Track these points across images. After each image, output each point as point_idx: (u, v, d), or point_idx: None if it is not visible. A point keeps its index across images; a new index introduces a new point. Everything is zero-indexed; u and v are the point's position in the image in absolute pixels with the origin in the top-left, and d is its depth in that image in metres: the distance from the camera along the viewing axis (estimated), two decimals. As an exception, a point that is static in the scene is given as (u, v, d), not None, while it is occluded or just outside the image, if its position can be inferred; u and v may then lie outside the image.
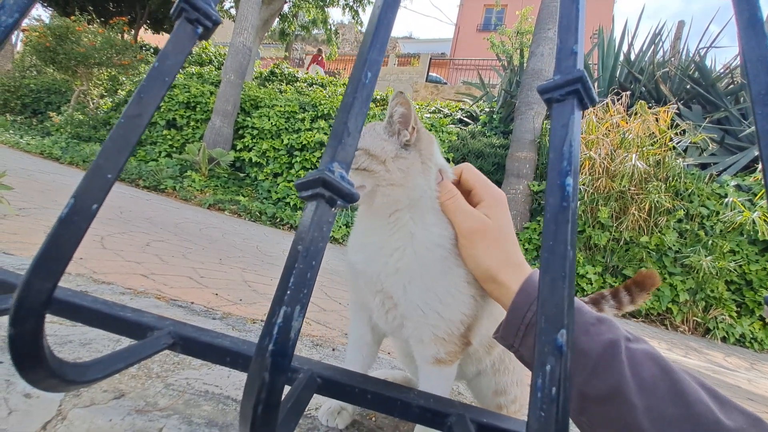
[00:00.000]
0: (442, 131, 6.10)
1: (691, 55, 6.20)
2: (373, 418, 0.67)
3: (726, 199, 4.00)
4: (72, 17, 8.93)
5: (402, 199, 0.54)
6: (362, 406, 0.52)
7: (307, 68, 12.11)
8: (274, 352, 0.31)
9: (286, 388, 0.45)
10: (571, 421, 0.48)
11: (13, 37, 11.97)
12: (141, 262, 1.45)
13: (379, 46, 0.44)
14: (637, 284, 0.74)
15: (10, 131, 7.78)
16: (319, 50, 12.73)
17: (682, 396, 0.38)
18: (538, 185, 4.81)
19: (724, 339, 3.83)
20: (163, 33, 14.97)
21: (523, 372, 0.68)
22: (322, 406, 0.63)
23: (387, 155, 0.53)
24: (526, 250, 4.47)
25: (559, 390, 0.30)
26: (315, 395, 0.55)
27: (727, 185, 4.14)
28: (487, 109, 7.24)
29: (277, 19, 11.91)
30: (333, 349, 0.98)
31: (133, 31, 13.28)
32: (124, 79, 9.30)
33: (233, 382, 0.66)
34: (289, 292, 0.32)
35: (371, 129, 0.57)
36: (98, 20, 11.20)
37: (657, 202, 3.96)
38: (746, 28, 0.41)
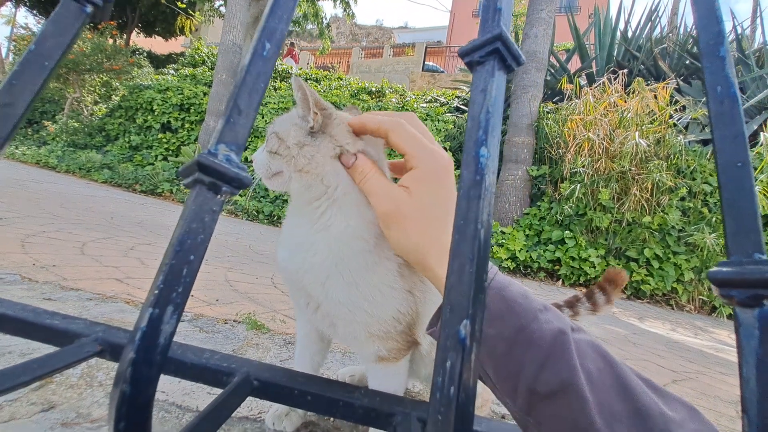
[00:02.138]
0: (439, 120, 6.02)
1: (689, 29, 6.04)
2: (331, 419, 0.63)
3: (728, 175, 3.91)
4: (61, 24, 8.87)
5: (316, 186, 0.49)
6: (303, 408, 0.48)
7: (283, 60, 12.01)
8: (135, 360, 0.27)
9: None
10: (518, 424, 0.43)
11: (3, 48, 11.97)
12: (119, 266, 1.43)
13: (280, 12, 0.39)
14: (610, 282, 0.70)
15: (8, 142, 7.79)
16: (292, 44, 12.57)
17: (627, 389, 0.35)
18: (537, 170, 4.74)
19: (730, 316, 3.76)
20: (155, 36, 14.92)
21: None
22: (270, 409, 0.59)
23: (292, 140, 0.49)
24: (527, 236, 4.42)
25: (459, 390, 0.26)
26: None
27: (729, 160, 4.04)
28: (483, 96, 7.14)
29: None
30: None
31: (125, 36, 13.24)
32: (117, 84, 9.28)
33: (183, 387, 0.63)
34: (156, 291, 0.28)
35: (291, 112, 0.53)
36: (89, 25, 11.15)
37: (659, 181, 3.88)
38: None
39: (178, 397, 0.60)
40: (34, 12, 12.56)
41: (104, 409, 0.55)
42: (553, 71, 6.33)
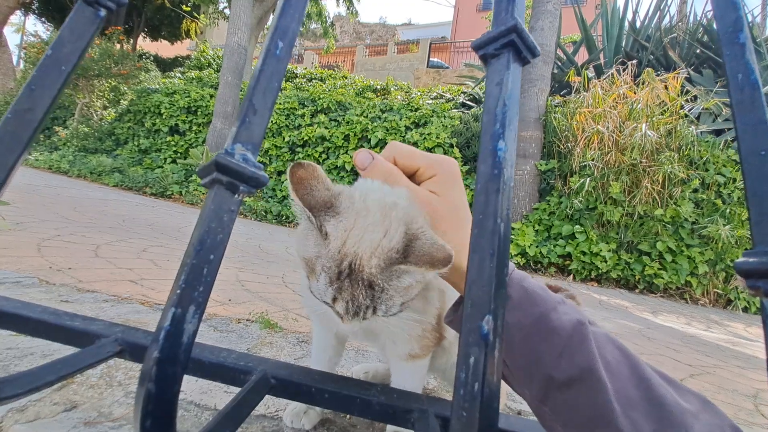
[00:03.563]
0: (444, 116, 6.00)
1: (698, 18, 5.92)
2: (347, 416, 0.64)
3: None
4: (69, 31, 9.01)
5: None
6: (320, 406, 0.49)
7: None
8: (160, 359, 0.27)
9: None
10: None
11: (14, 56, 12.19)
12: (133, 268, 1.45)
13: (292, 12, 0.39)
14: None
15: (21, 149, 7.94)
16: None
17: (643, 379, 0.36)
18: (546, 164, 4.69)
19: (745, 309, 3.70)
20: (161, 40, 15.05)
21: None
22: (287, 407, 0.59)
23: (312, 252, 0.46)
24: (537, 231, 4.38)
25: (483, 386, 0.26)
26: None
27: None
28: (489, 91, 7.08)
29: (272, 16, 11.84)
30: (319, 345, 0.95)
31: (131, 40, 13.39)
32: (125, 89, 9.39)
33: (200, 386, 0.63)
34: (179, 291, 0.28)
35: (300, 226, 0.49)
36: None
37: (670, 172, 3.81)
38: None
39: (195, 395, 0.60)
40: (43, 20, 12.74)
41: (125, 408, 0.55)
42: (560, 64, 6.26)
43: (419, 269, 0.39)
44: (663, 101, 4.02)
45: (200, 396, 0.60)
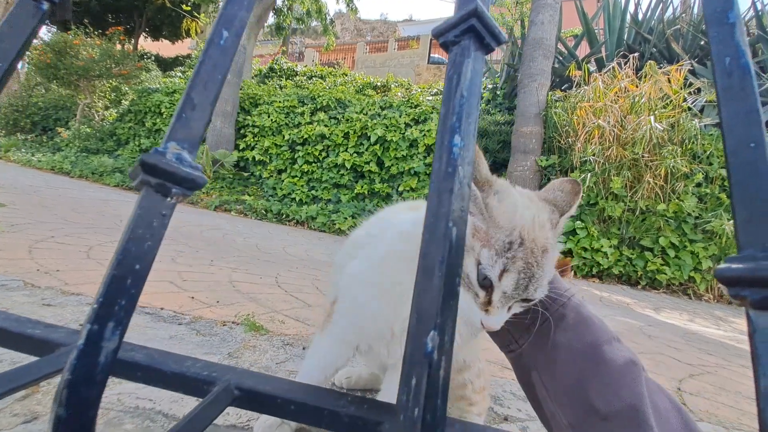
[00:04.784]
0: (444, 113, 5.94)
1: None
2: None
3: (748, 158, 3.77)
4: (69, 32, 9.05)
5: None
6: (286, 418, 0.46)
7: None
8: (72, 382, 0.25)
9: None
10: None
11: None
12: (123, 269, 1.43)
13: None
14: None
15: (22, 150, 7.99)
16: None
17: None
18: (546, 160, 4.64)
19: (752, 305, 3.64)
20: (162, 39, 15.05)
21: (480, 342, 0.64)
22: (259, 418, 0.57)
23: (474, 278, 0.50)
24: (537, 227, 4.33)
25: (424, 412, 0.23)
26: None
27: (749, 143, 3.89)
28: (491, 86, 7.02)
29: (272, 14, 11.78)
30: (304, 348, 0.93)
31: (132, 40, 13.39)
32: (126, 89, 9.40)
33: (171, 395, 0.61)
34: (96, 306, 0.26)
35: None
36: (97, 32, 11.30)
37: (673, 167, 3.75)
38: None
39: (165, 405, 0.58)
40: (47, 21, 12.81)
41: (89, 419, 0.53)
42: (561, 58, 6.19)
43: (575, 205, 0.49)
44: (666, 94, 3.96)
45: (170, 405, 0.58)
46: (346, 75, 10.38)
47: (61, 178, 6.34)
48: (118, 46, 10.20)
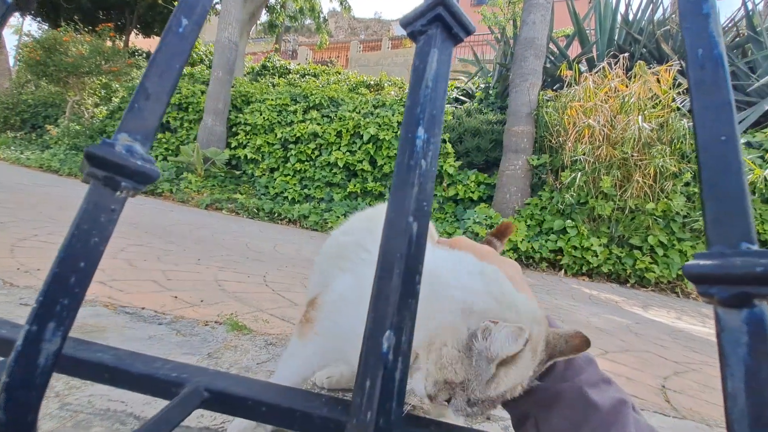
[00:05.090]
0: (437, 112, 5.95)
1: (693, 9, 5.86)
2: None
3: (735, 158, 3.81)
4: (59, 28, 8.91)
5: None
6: (257, 420, 0.45)
7: None
8: (10, 385, 0.24)
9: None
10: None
11: (11, 57, 12.03)
12: (105, 268, 1.40)
13: (201, -17, 0.35)
14: (500, 233, 0.75)
15: (12, 147, 7.86)
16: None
17: None
18: (538, 159, 4.66)
19: (739, 303, 3.69)
20: (154, 36, 14.87)
21: None
22: (234, 420, 0.55)
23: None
24: (529, 226, 4.35)
25: (378, 416, 0.22)
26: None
27: (737, 143, 3.94)
28: (483, 85, 7.03)
29: (265, 12, 11.71)
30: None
31: (124, 37, 13.21)
32: (117, 86, 9.28)
33: (144, 397, 0.59)
34: (36, 305, 0.25)
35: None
36: (87, 29, 11.13)
37: (662, 166, 3.79)
38: None
39: (137, 407, 0.56)
40: (38, 19, 12.59)
41: (55, 422, 0.52)
42: (552, 58, 6.21)
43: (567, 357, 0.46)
44: (655, 94, 3.99)
45: (142, 408, 0.56)
46: (340, 73, 10.34)
47: (50, 176, 6.24)
48: (109, 43, 10.05)
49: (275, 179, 6.17)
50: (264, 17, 12.02)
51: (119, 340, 0.81)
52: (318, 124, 6.15)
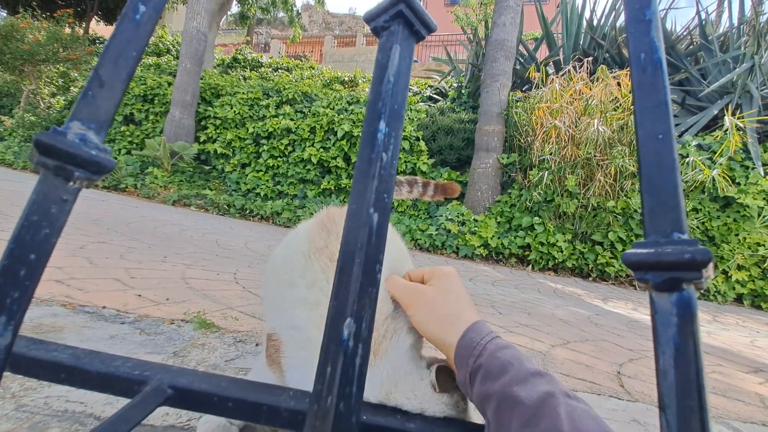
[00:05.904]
0: (411, 109, 5.99)
1: (652, 17, 6.17)
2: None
3: (687, 159, 4.06)
4: (17, 15, 8.34)
5: None
6: (223, 415, 0.45)
7: None
8: None
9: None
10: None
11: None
12: (64, 267, 1.34)
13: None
14: (445, 190, 0.82)
15: (-40, 139, 7.29)
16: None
17: None
18: (508, 158, 4.79)
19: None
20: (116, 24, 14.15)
21: None
22: (201, 417, 0.55)
23: None
24: (499, 223, 4.47)
25: (338, 401, 0.23)
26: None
27: (689, 145, 4.20)
28: (456, 85, 7.14)
29: (237, 3, 11.37)
30: (257, 345, 0.91)
31: (84, 24, 12.49)
32: (76, 75, 8.77)
33: (106, 396, 0.58)
34: None
35: None
36: (45, 15, 10.45)
37: (622, 166, 3.99)
38: None
39: (98, 407, 0.55)
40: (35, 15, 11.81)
41: (13, 423, 0.50)
42: (521, 60, 6.39)
43: None
44: (616, 97, 4.18)
45: (103, 408, 0.55)
46: (313, 68, 10.20)
47: (4, 169, 5.85)
48: (68, 30, 9.48)
49: (247, 175, 6.03)
50: (235, 8, 11.68)
51: (78, 339, 0.78)
52: (291, 119, 6.06)
